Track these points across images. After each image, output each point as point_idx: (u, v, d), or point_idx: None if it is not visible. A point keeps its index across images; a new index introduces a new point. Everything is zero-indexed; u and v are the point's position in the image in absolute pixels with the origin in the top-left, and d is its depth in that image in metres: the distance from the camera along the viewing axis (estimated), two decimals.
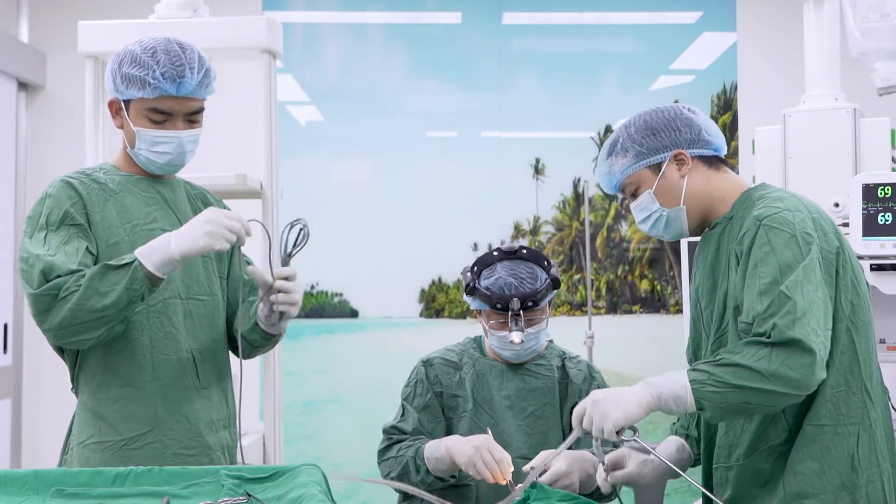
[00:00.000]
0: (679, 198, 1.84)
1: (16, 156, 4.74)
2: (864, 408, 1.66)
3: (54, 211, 1.93)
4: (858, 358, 1.68)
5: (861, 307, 1.71)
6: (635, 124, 1.88)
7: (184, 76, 1.95)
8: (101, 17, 3.03)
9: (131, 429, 1.94)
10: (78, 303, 1.80)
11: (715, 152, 1.87)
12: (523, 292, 2.22)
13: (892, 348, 2.66)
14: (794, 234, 1.65)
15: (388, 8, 4.92)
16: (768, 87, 4.72)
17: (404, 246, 4.80)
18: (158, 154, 2.00)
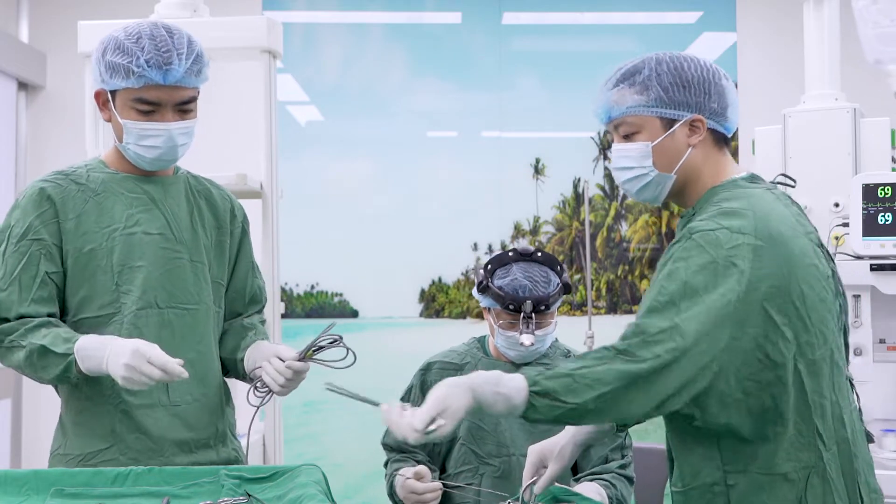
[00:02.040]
0: (675, 165, 1.65)
1: (16, 156, 4.74)
2: (816, 451, 1.51)
3: (18, 223, 1.85)
4: (808, 399, 1.51)
5: (813, 343, 1.51)
6: (668, 65, 1.66)
7: (171, 63, 1.80)
8: (101, 17, 3.04)
9: (89, 444, 1.86)
10: (20, 365, 1.79)
11: (727, 132, 1.70)
12: (537, 295, 2.21)
13: (892, 348, 2.66)
14: (715, 260, 1.48)
15: (388, 8, 4.92)
16: (768, 87, 4.72)
17: (404, 246, 4.80)
18: (147, 148, 1.86)
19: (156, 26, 1.86)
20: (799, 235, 1.57)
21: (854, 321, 2.58)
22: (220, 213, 2.04)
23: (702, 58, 1.70)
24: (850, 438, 1.55)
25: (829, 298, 1.56)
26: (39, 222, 1.85)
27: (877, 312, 2.59)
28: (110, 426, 1.85)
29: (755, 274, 1.48)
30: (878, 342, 2.64)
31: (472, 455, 2.30)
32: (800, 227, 1.59)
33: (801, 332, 1.50)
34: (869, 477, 1.59)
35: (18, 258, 1.83)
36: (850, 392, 1.63)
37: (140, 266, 1.88)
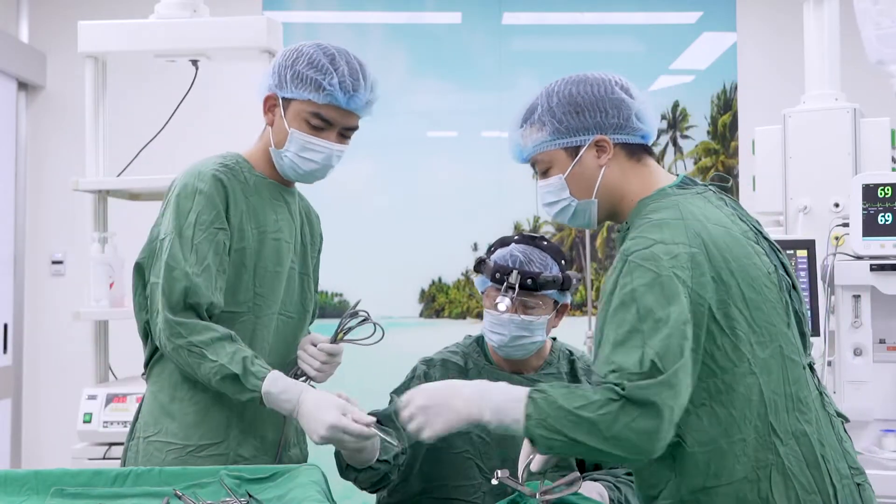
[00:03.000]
0: (592, 189, 1.66)
1: (16, 156, 4.74)
2: (773, 448, 1.51)
3: (206, 209, 1.85)
4: (764, 398, 1.51)
5: (762, 342, 1.52)
6: (559, 94, 1.67)
7: (358, 90, 1.89)
8: (101, 17, 3.04)
9: (202, 436, 1.87)
10: (198, 372, 1.79)
11: (642, 140, 1.68)
12: (526, 269, 2.12)
13: (892, 348, 2.66)
14: (659, 275, 1.47)
15: (388, 8, 4.92)
16: (768, 87, 4.72)
17: (404, 246, 4.79)
18: (305, 161, 1.93)
19: (348, 53, 1.92)
20: (734, 237, 1.56)
21: (854, 321, 2.58)
22: (315, 230, 2.17)
23: (597, 74, 1.69)
24: (809, 430, 1.54)
25: (772, 295, 1.56)
26: (222, 213, 1.87)
27: (877, 312, 2.59)
28: (227, 422, 1.89)
29: (696, 281, 1.49)
30: (878, 342, 2.63)
31: (476, 469, 2.20)
32: (735, 228, 1.59)
33: (749, 334, 1.51)
34: (839, 463, 1.57)
35: (209, 245, 1.84)
36: (811, 379, 1.62)
37: (278, 272, 1.96)
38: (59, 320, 4.49)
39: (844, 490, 1.56)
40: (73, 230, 4.50)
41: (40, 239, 4.81)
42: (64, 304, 4.46)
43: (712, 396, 1.50)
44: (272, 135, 1.94)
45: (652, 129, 1.70)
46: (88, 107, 2.99)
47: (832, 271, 2.58)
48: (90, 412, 2.81)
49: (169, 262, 1.82)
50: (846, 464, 1.59)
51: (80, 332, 3.24)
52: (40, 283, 4.80)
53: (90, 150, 2.98)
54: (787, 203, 3.13)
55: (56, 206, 4.75)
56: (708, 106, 4.85)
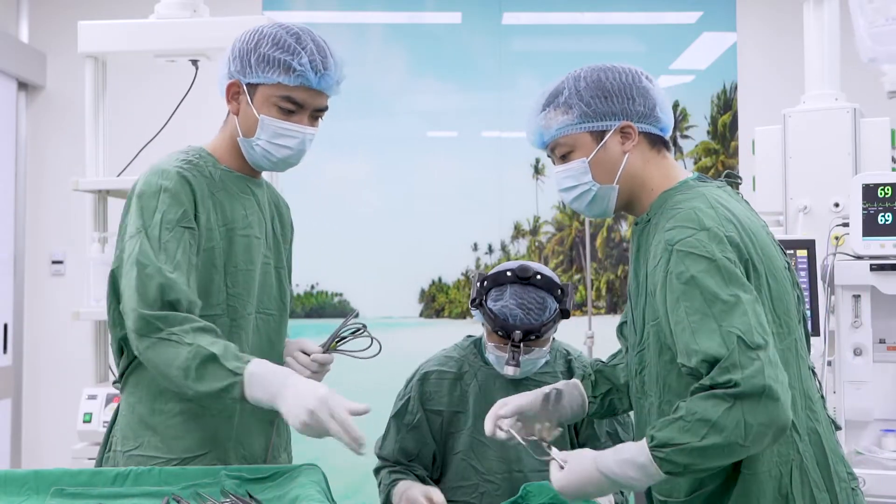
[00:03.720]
0: (615, 174, 1.66)
1: (16, 156, 4.74)
2: (794, 443, 1.52)
3: (172, 208, 1.75)
4: None
5: (780, 334, 1.53)
6: (587, 79, 1.70)
7: (328, 68, 1.80)
8: (101, 17, 3.04)
9: (186, 449, 1.79)
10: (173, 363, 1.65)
11: (661, 132, 1.69)
12: (528, 325, 2.11)
13: (892, 348, 2.66)
14: (713, 259, 1.47)
15: (388, 8, 4.92)
16: (768, 87, 4.71)
17: (404, 246, 4.79)
18: (278, 147, 1.84)
19: (310, 31, 1.84)
20: (758, 229, 1.58)
21: (854, 321, 2.58)
22: (285, 220, 2.05)
23: (622, 64, 1.72)
24: (819, 430, 1.56)
25: (789, 290, 1.57)
26: (189, 211, 1.78)
27: (877, 312, 2.59)
28: (213, 432, 1.81)
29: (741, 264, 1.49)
30: (878, 342, 2.63)
31: (473, 470, 2.22)
32: (757, 221, 1.61)
33: (772, 323, 1.51)
34: (838, 466, 1.58)
35: (177, 244, 1.74)
36: (814, 381, 1.63)
37: (250, 270, 1.87)
38: (59, 320, 4.48)
39: (842, 493, 1.56)
40: (73, 230, 4.49)
41: (40, 239, 4.81)
42: (64, 304, 4.46)
43: None
44: (239, 124, 1.85)
45: (670, 122, 1.71)
46: (88, 107, 2.99)
47: (832, 271, 2.58)
48: (90, 412, 2.81)
49: (140, 260, 1.71)
50: (843, 467, 1.60)
51: (79, 332, 3.23)
52: (40, 283, 4.80)
53: (90, 150, 2.98)
54: (787, 203, 3.13)
55: (56, 206, 4.75)
56: (708, 106, 4.85)
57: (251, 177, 1.93)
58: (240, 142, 1.87)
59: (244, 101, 1.83)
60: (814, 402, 1.57)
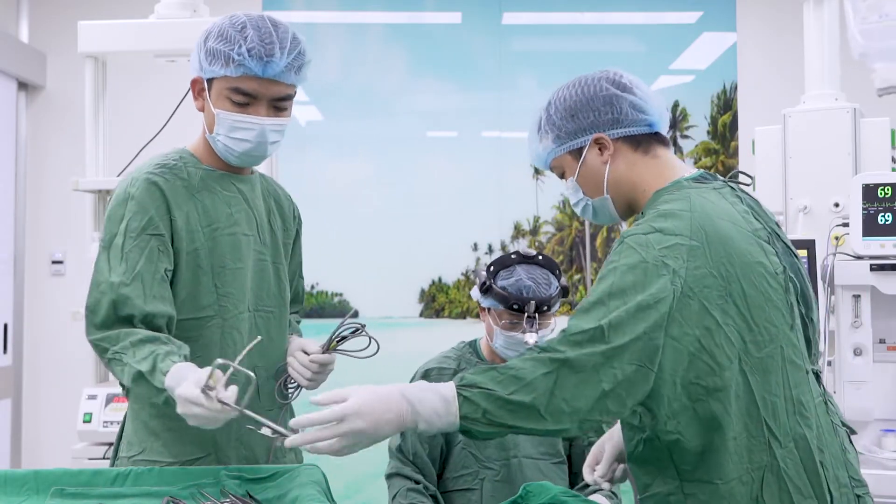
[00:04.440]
0: (601, 186, 1.68)
1: (16, 156, 4.74)
2: (769, 448, 1.50)
3: (137, 216, 1.76)
4: (755, 398, 1.49)
5: (758, 342, 1.50)
6: (555, 103, 1.73)
7: (272, 55, 1.75)
8: (101, 17, 3.04)
9: (186, 452, 1.80)
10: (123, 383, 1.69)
11: (650, 128, 1.68)
12: (540, 296, 2.26)
13: (892, 348, 2.66)
14: (644, 260, 1.47)
15: (388, 8, 4.92)
16: (768, 87, 4.72)
17: (404, 246, 4.79)
18: (237, 141, 1.81)
19: (262, 18, 1.79)
20: (743, 234, 1.55)
21: (854, 321, 2.58)
22: (286, 214, 2.03)
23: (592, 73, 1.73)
24: (809, 435, 1.53)
25: (776, 296, 1.54)
26: (158, 217, 1.77)
27: (877, 312, 2.59)
28: (212, 434, 1.77)
29: (691, 274, 1.46)
30: (878, 342, 2.63)
31: (472, 458, 2.30)
32: (745, 225, 1.57)
33: (745, 332, 1.49)
34: (838, 471, 1.56)
35: (140, 253, 1.74)
36: (816, 386, 1.61)
37: (239, 268, 1.86)
38: (59, 320, 4.48)
39: (843, 499, 1.55)
40: (73, 230, 4.50)
41: (40, 239, 4.81)
42: (64, 304, 4.46)
43: (710, 393, 1.48)
44: (205, 120, 1.85)
45: (656, 116, 1.69)
46: (88, 107, 2.99)
47: (832, 271, 2.58)
48: (90, 412, 2.82)
49: (95, 278, 1.74)
50: (846, 473, 1.58)
51: (80, 332, 3.22)
52: (40, 283, 4.80)
53: (90, 150, 2.99)
54: (787, 203, 3.13)
55: (56, 206, 4.75)
56: (708, 106, 4.85)
57: (237, 174, 1.91)
58: (208, 138, 1.87)
59: (206, 98, 1.83)
60: (806, 407, 1.54)
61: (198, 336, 1.81)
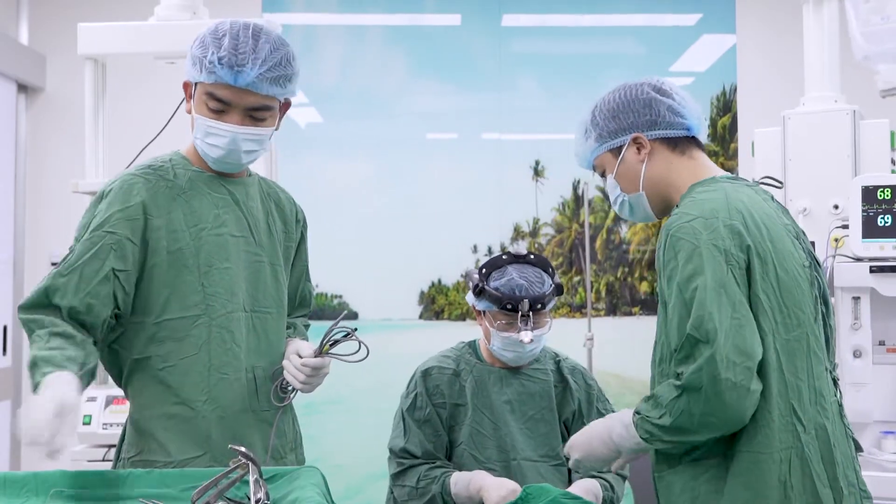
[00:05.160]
0: (637, 182, 1.79)
1: (15, 157, 4.74)
2: (794, 431, 1.56)
3: (101, 213, 1.80)
4: (785, 379, 1.57)
5: (788, 324, 1.59)
6: (600, 105, 1.85)
7: (243, 65, 1.75)
8: (101, 18, 3.04)
9: (182, 451, 1.81)
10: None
11: (687, 131, 1.79)
12: (533, 294, 2.26)
13: (891, 350, 2.66)
14: (697, 246, 1.57)
15: (388, 10, 4.92)
16: (768, 89, 4.72)
17: (404, 247, 4.79)
18: (210, 146, 1.84)
19: (246, 28, 1.80)
20: (776, 224, 1.64)
21: (854, 323, 2.58)
22: (287, 216, 2.04)
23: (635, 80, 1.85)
24: (828, 427, 1.58)
25: (803, 286, 1.62)
26: (122, 216, 1.79)
27: (876, 314, 2.59)
28: (206, 433, 1.82)
29: (738, 250, 1.57)
30: (878, 344, 2.64)
31: (472, 459, 2.31)
32: (777, 219, 1.66)
33: (776, 312, 1.57)
34: (847, 470, 1.60)
35: (87, 248, 1.78)
36: (833, 387, 1.66)
37: (227, 268, 1.86)
38: None
39: (851, 497, 1.58)
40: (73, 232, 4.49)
41: (40, 240, 4.81)
42: None
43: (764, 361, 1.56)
44: (192, 123, 1.88)
45: (694, 121, 1.80)
46: (88, 109, 2.99)
47: (832, 273, 2.58)
48: (90, 414, 2.82)
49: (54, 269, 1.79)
50: (855, 475, 1.61)
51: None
52: None
53: (90, 151, 2.98)
54: (787, 205, 3.13)
55: (56, 207, 4.75)
56: (707, 108, 4.85)
57: (228, 176, 1.92)
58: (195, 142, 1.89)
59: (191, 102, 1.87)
60: (826, 399, 1.60)
61: (185, 335, 1.82)
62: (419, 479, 2.28)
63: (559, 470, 2.34)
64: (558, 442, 2.33)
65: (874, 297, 2.57)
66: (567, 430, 2.37)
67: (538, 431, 2.34)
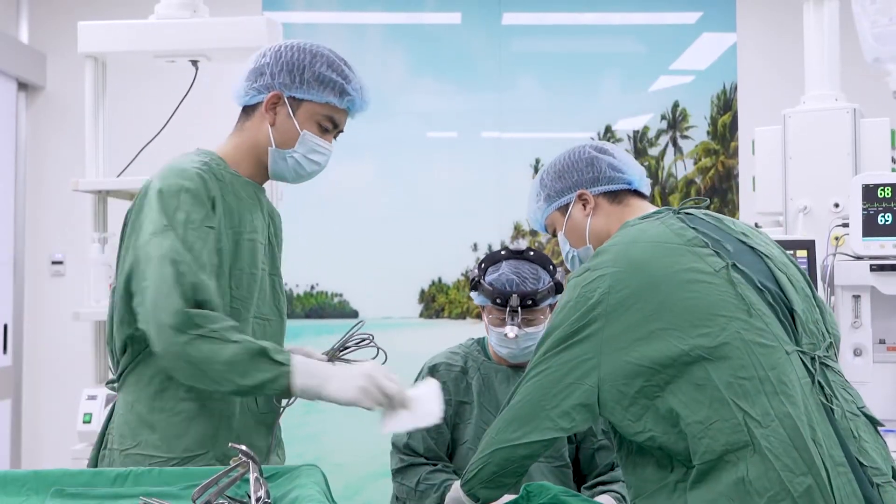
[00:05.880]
0: (584, 237, 1.92)
1: (16, 156, 4.74)
2: (747, 429, 1.56)
3: (195, 208, 1.75)
4: (717, 384, 1.58)
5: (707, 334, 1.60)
6: (548, 169, 1.97)
7: (368, 97, 1.95)
8: (101, 17, 3.03)
9: (186, 448, 1.79)
10: (217, 359, 1.67)
11: (628, 185, 1.91)
12: (523, 290, 2.25)
13: (891, 348, 2.66)
14: (570, 298, 1.70)
15: (388, 8, 4.92)
16: (768, 88, 4.72)
17: (404, 246, 4.79)
18: (311, 162, 1.91)
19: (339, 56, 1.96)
20: (669, 248, 1.69)
21: (854, 321, 2.59)
22: (278, 230, 2.06)
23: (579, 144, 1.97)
24: (795, 412, 1.57)
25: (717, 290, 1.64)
26: (212, 210, 1.79)
27: (876, 313, 2.60)
28: (213, 431, 1.81)
29: (614, 297, 1.65)
30: (878, 342, 2.64)
31: None
32: (676, 239, 1.70)
33: (689, 329, 1.61)
34: (832, 450, 1.58)
35: (202, 244, 1.74)
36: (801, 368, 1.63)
37: (253, 273, 1.87)
38: (59, 320, 4.49)
39: (840, 478, 1.56)
40: (73, 230, 4.50)
41: (40, 239, 4.81)
42: (64, 305, 4.46)
43: (663, 387, 1.61)
44: (274, 135, 1.88)
45: (632, 174, 1.92)
46: (88, 107, 2.99)
47: (832, 271, 2.58)
48: (90, 412, 2.82)
49: (174, 258, 1.69)
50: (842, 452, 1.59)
51: (80, 333, 3.24)
52: (40, 283, 4.80)
53: (90, 150, 2.98)
54: (787, 203, 3.13)
55: (56, 206, 4.75)
56: (708, 106, 4.85)
57: (258, 184, 1.96)
58: (270, 152, 1.89)
59: (283, 113, 1.87)
60: (789, 386, 1.58)
61: None
62: (419, 481, 2.28)
63: (563, 472, 2.33)
64: (563, 443, 2.31)
65: (874, 295, 2.57)
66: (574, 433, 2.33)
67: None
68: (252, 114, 1.92)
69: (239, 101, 1.94)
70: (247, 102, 1.92)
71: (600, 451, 2.33)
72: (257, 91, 1.89)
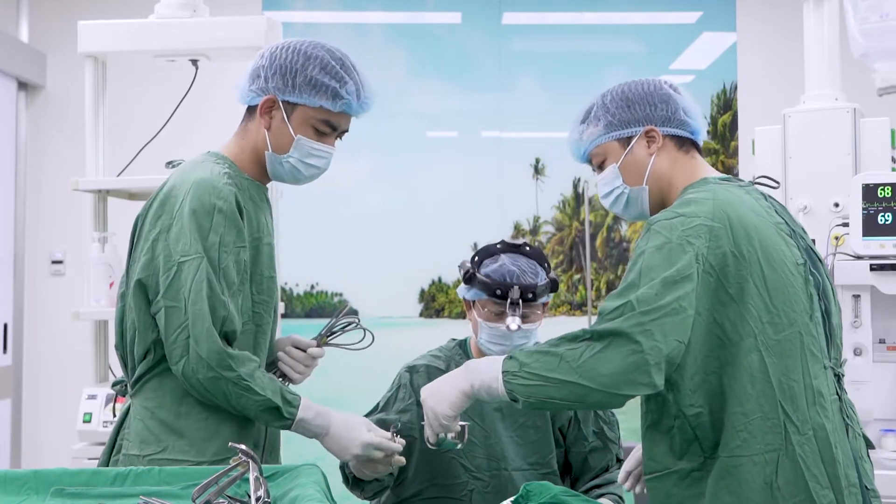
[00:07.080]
0: (643, 176, 1.77)
1: (16, 156, 4.74)
2: (784, 432, 1.54)
3: (229, 231, 1.76)
4: (771, 381, 1.55)
5: (776, 324, 1.56)
6: (612, 93, 1.82)
7: (368, 98, 1.88)
8: (101, 16, 3.03)
9: (216, 451, 1.80)
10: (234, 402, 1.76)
11: (691, 135, 1.80)
12: (525, 283, 2.16)
13: (891, 348, 2.66)
14: (669, 240, 1.57)
15: (388, 8, 4.92)
16: (768, 87, 4.72)
17: (404, 246, 4.79)
18: (308, 167, 1.88)
19: (346, 56, 1.91)
20: (765, 223, 1.63)
21: (854, 321, 2.58)
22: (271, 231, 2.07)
23: (649, 78, 1.83)
24: (828, 426, 1.56)
25: (796, 283, 1.60)
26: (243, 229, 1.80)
27: (876, 312, 2.59)
28: (238, 434, 1.82)
29: (712, 252, 1.56)
30: (878, 342, 2.63)
31: (461, 468, 2.22)
32: (768, 217, 1.65)
33: (763, 312, 1.56)
34: (848, 469, 1.58)
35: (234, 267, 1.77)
36: (835, 385, 1.64)
37: (272, 276, 1.89)
38: (59, 320, 4.49)
39: (851, 498, 1.57)
40: (73, 230, 4.49)
41: (40, 239, 4.81)
42: (64, 304, 4.46)
43: (722, 367, 1.56)
44: (270, 139, 1.86)
45: (699, 125, 1.81)
46: (88, 107, 2.98)
47: (832, 271, 2.58)
48: (90, 412, 2.81)
49: (209, 289, 1.73)
50: (857, 474, 1.60)
51: (80, 332, 3.23)
52: (40, 283, 4.80)
53: (90, 150, 2.98)
54: (787, 203, 3.13)
55: (56, 206, 4.75)
56: (708, 106, 4.85)
57: (263, 184, 1.95)
58: (268, 156, 1.88)
59: (278, 118, 1.85)
60: (825, 399, 1.58)
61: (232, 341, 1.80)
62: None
63: (550, 479, 2.24)
64: (549, 450, 2.25)
65: (874, 295, 2.57)
66: (563, 438, 2.29)
67: (528, 439, 2.26)
68: (254, 115, 1.91)
69: (242, 102, 1.93)
70: (248, 103, 1.91)
71: (593, 454, 2.28)
72: (255, 93, 1.88)
